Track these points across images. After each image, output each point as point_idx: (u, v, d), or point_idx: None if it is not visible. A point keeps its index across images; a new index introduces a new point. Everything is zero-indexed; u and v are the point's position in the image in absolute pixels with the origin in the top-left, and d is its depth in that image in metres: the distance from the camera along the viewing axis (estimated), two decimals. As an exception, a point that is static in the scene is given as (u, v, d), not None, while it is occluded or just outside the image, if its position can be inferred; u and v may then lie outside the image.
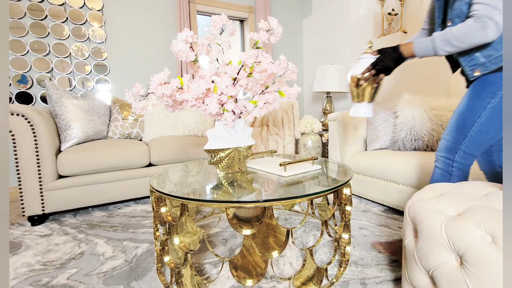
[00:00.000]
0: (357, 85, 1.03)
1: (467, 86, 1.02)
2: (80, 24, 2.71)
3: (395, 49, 0.93)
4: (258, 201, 0.80)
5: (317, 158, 1.28)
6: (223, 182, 1.03)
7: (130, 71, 2.98)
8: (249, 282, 0.92)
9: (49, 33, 2.59)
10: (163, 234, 1.10)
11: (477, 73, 0.88)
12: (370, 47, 1.02)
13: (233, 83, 1.05)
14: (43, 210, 1.68)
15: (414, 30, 2.62)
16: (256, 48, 1.06)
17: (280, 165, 1.11)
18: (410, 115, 1.82)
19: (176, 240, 1.00)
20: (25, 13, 2.50)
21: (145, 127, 2.29)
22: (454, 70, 1.02)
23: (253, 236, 1.07)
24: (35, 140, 1.64)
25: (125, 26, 2.93)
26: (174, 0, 3.12)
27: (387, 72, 0.96)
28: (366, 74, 0.99)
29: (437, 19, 0.99)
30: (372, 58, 1.01)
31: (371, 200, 1.94)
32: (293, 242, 1.24)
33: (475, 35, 0.77)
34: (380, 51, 0.96)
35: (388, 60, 0.93)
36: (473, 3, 0.79)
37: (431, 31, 1.09)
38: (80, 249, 1.35)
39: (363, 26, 3.01)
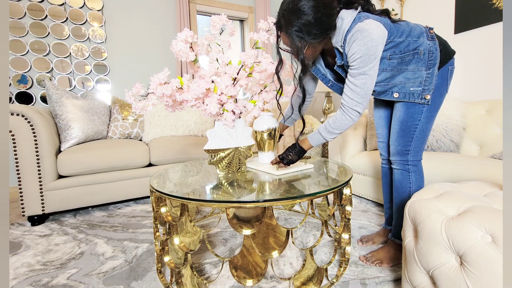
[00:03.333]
0: (261, 139, 1.22)
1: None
2: (80, 24, 2.71)
3: (295, 145, 1.09)
4: (258, 201, 0.80)
5: (310, 157, 1.29)
6: (223, 182, 1.03)
7: (130, 71, 2.98)
8: (249, 282, 0.92)
9: (49, 33, 2.59)
10: (163, 234, 1.10)
11: (428, 97, 1.02)
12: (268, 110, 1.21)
13: (233, 83, 1.05)
14: (43, 210, 1.68)
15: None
16: (256, 48, 1.06)
17: (272, 163, 1.11)
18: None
19: (176, 240, 1.00)
20: (25, 13, 2.50)
21: (145, 127, 2.29)
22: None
23: (253, 236, 1.07)
24: (35, 140, 1.64)
25: (125, 26, 2.93)
26: (174, 0, 3.12)
27: (292, 163, 1.12)
28: (275, 164, 1.13)
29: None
30: (269, 115, 1.20)
31: (371, 200, 1.94)
32: (293, 242, 1.24)
33: (345, 123, 1.00)
34: (286, 149, 1.12)
35: (293, 154, 1.09)
36: (343, 92, 0.99)
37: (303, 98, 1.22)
38: (80, 249, 1.35)
39: (363, 26, 3.00)
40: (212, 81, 1.03)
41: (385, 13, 0.98)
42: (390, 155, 1.16)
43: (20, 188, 1.62)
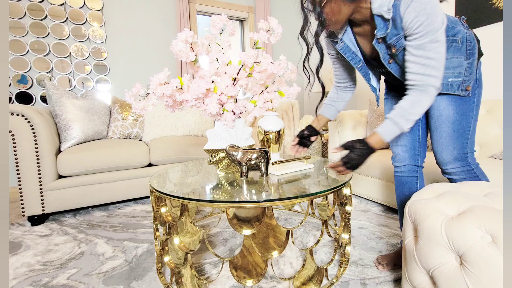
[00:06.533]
0: (267, 140, 1.22)
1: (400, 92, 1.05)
2: (80, 24, 2.71)
3: (364, 144, 0.87)
4: (258, 201, 0.80)
5: (310, 157, 1.28)
6: (223, 182, 1.03)
7: (130, 71, 2.98)
8: (249, 282, 0.92)
9: (49, 33, 2.59)
10: (163, 234, 1.10)
11: (469, 88, 0.91)
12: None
13: (233, 83, 1.05)
14: (43, 210, 1.68)
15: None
16: (256, 48, 1.06)
17: (272, 164, 1.11)
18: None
19: (176, 240, 1.00)
20: (25, 13, 2.50)
21: (145, 127, 2.29)
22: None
23: (253, 236, 1.07)
24: (35, 140, 1.64)
25: (125, 26, 2.93)
26: (174, 0, 3.12)
27: (358, 167, 0.91)
28: (335, 168, 0.91)
29: (372, 79, 1.05)
30: (275, 115, 1.17)
31: (371, 200, 1.94)
32: (293, 242, 1.24)
33: (425, 104, 0.83)
34: (347, 147, 0.90)
35: (360, 157, 0.87)
36: (410, 72, 0.82)
37: (346, 87, 1.16)
38: (80, 249, 1.35)
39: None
40: (212, 81, 1.03)
41: None
42: (441, 164, 1.00)
43: (20, 188, 1.62)
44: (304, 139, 1.20)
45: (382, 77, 1.10)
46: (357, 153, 0.87)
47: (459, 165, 0.96)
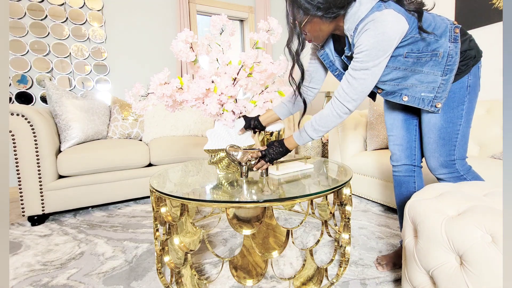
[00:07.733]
0: (267, 140, 1.22)
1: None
2: (80, 24, 2.71)
3: (281, 144, 1.01)
4: (258, 201, 0.80)
5: (310, 157, 1.28)
6: (223, 182, 1.03)
7: (130, 71, 2.98)
8: (249, 282, 0.92)
9: (49, 33, 2.59)
10: (163, 234, 1.10)
11: (439, 105, 0.92)
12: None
13: (233, 83, 1.05)
14: (43, 210, 1.68)
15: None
16: (256, 48, 1.06)
17: (272, 163, 1.12)
18: (410, 115, 1.82)
19: (176, 240, 1.00)
20: (25, 13, 2.50)
21: (145, 127, 2.29)
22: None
23: (253, 236, 1.07)
24: (35, 140, 1.64)
25: (125, 26, 2.93)
26: (174, 0, 3.12)
27: (273, 161, 1.05)
28: (254, 161, 1.04)
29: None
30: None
31: (371, 200, 1.94)
32: (293, 242, 1.24)
33: (331, 120, 0.92)
34: (268, 145, 1.03)
35: (276, 153, 1.01)
36: (340, 84, 0.90)
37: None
38: (80, 249, 1.35)
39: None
40: (212, 81, 1.03)
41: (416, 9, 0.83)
42: (430, 169, 1.03)
43: (20, 188, 1.62)
44: (249, 128, 1.16)
45: None
46: (275, 150, 1.01)
47: (446, 171, 0.98)
